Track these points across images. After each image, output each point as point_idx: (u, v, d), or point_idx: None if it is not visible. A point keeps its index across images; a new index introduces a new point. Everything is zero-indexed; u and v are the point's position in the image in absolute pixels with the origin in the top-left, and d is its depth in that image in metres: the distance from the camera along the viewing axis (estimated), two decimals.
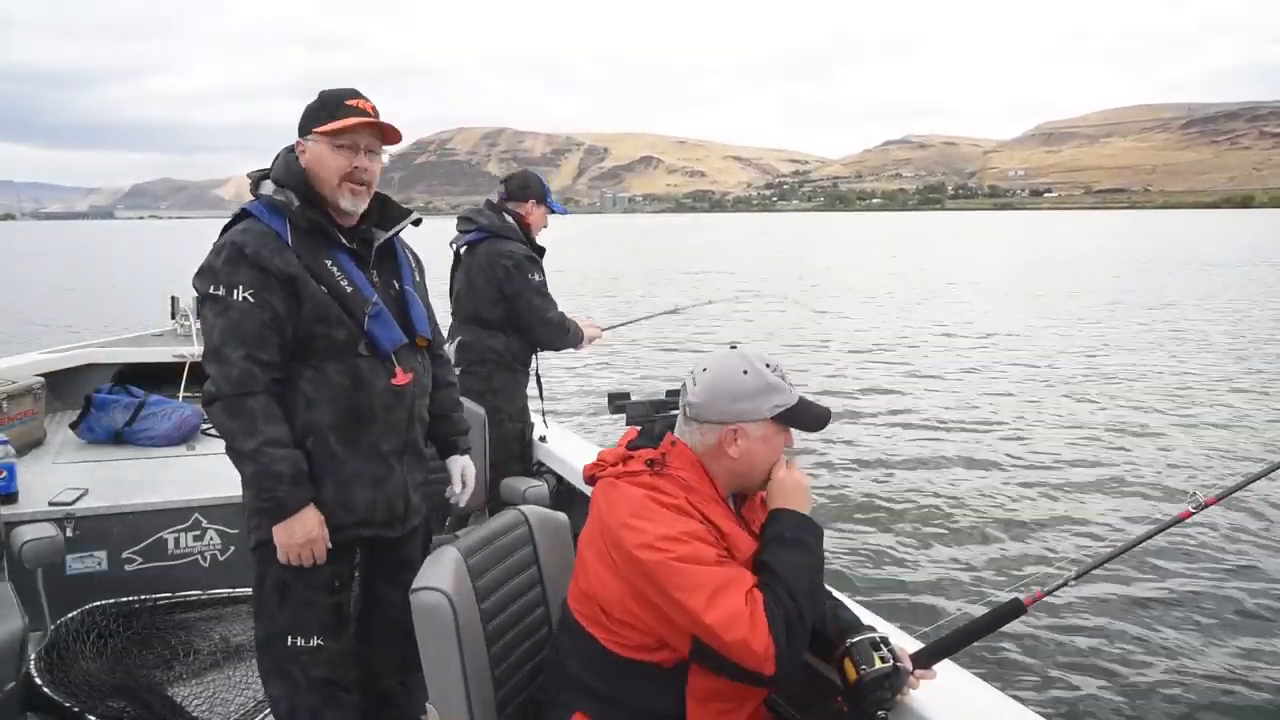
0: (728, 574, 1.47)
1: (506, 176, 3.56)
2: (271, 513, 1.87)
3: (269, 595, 1.99)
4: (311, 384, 1.93)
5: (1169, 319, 16.11)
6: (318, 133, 1.93)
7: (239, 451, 1.86)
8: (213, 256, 1.91)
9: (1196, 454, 7.38)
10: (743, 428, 1.61)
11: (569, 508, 2.23)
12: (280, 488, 1.85)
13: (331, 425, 1.95)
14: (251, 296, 1.85)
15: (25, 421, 3.86)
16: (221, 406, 1.85)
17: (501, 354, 3.37)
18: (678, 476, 1.60)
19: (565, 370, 11.20)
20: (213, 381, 1.86)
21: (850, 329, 15.45)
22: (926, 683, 1.60)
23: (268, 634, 2.02)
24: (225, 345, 1.84)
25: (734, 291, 21.45)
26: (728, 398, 1.61)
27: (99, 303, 21.60)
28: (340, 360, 1.95)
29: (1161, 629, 4.28)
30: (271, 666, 2.04)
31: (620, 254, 42.50)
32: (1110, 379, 10.58)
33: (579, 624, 1.61)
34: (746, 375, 1.62)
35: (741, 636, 1.41)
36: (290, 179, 1.96)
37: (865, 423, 8.61)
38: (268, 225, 1.93)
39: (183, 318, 5.25)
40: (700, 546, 1.49)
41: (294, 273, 1.89)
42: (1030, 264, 32.37)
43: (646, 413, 2.54)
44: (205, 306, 1.89)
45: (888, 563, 5.18)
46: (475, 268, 3.34)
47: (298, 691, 2.01)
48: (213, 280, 1.88)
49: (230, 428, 1.85)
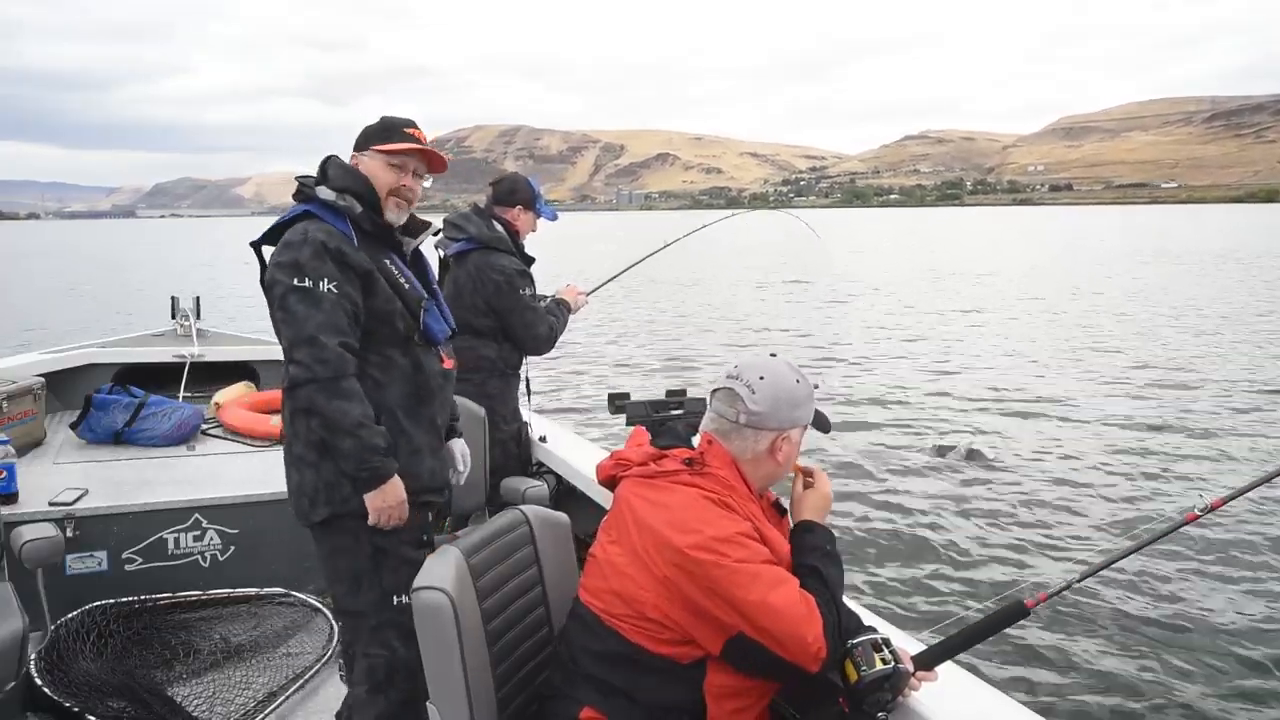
0: (781, 573, 1.53)
1: (495, 180, 3.51)
2: (369, 481, 2.05)
3: (364, 566, 2.14)
4: (379, 368, 2.15)
5: (1181, 315, 16.09)
6: (376, 150, 2.19)
7: (339, 428, 2.01)
8: (293, 251, 2.05)
9: (1204, 456, 7.35)
10: (789, 434, 1.68)
11: (569, 508, 2.23)
12: (377, 458, 2.04)
13: (399, 404, 2.17)
14: (335, 289, 2.04)
15: (25, 421, 3.86)
16: (319, 388, 1.99)
17: (494, 361, 3.35)
18: (719, 475, 1.63)
19: (566, 370, 11.21)
20: (305, 367, 1.99)
21: (855, 324, 15.46)
22: (928, 684, 1.60)
23: (370, 602, 2.15)
24: (320, 332, 2.00)
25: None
26: (790, 405, 1.67)
27: (109, 302, 21.63)
28: (401, 347, 2.18)
29: (1165, 632, 4.27)
30: (371, 634, 2.17)
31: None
32: (1117, 378, 10.57)
33: (597, 618, 1.61)
34: (799, 384, 1.69)
35: (799, 630, 1.47)
36: (356, 186, 2.16)
37: (865, 422, 8.61)
38: (333, 225, 2.10)
39: (183, 318, 5.25)
40: (756, 546, 1.54)
41: (369, 268, 2.11)
42: (1045, 260, 32.35)
43: (646, 413, 2.54)
44: (292, 297, 2.02)
45: (889, 564, 5.17)
46: (464, 278, 3.29)
47: (394, 651, 2.15)
48: (298, 273, 2.02)
49: (330, 407, 2.00)
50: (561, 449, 3.50)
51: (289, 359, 2.04)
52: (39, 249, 62.50)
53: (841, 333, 14.94)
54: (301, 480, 2.13)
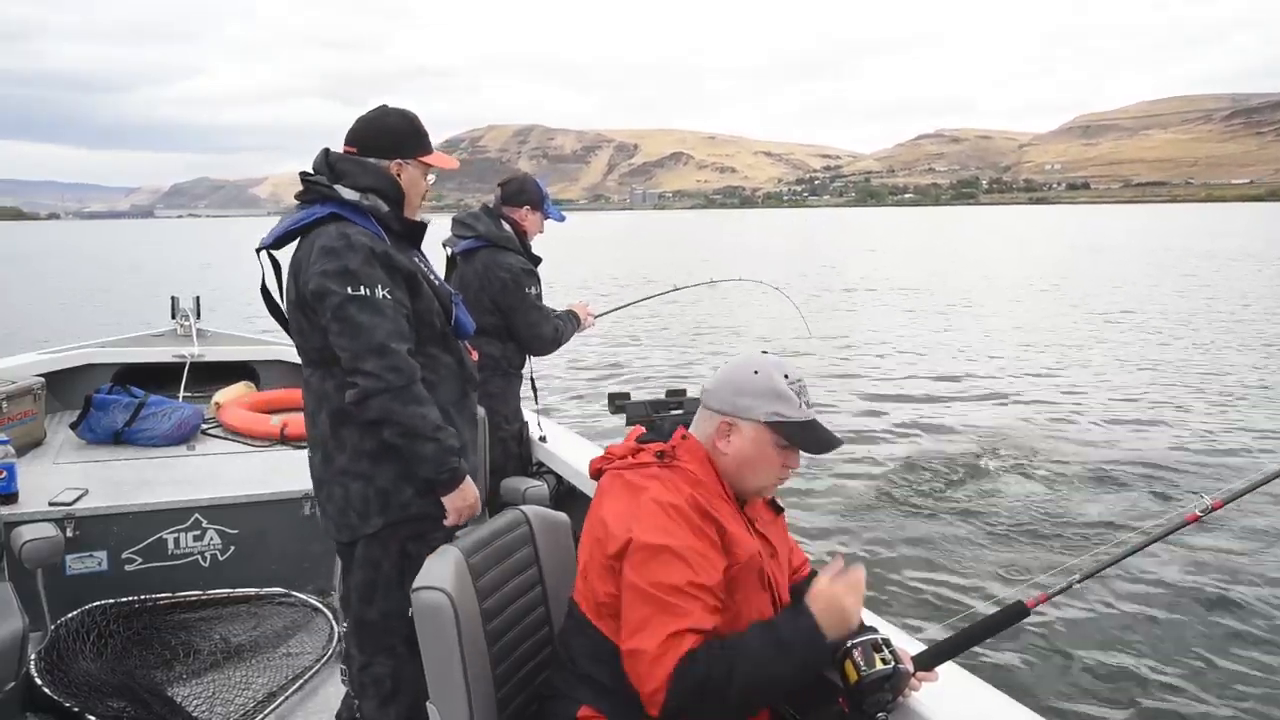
0: (671, 605, 1.45)
1: (504, 180, 3.53)
2: (449, 483, 2.07)
3: (389, 574, 2.13)
4: (429, 368, 2.11)
5: (1186, 316, 16.08)
6: (421, 161, 2.20)
7: (419, 434, 1.99)
8: (341, 259, 1.99)
9: (1205, 457, 7.34)
10: (738, 424, 1.62)
11: (569, 508, 2.23)
12: (456, 459, 2.06)
13: (451, 402, 2.18)
14: (390, 294, 2.01)
15: (25, 421, 3.86)
16: (393, 396, 1.97)
17: (498, 360, 3.36)
18: (686, 470, 1.61)
19: (566, 370, 11.21)
20: (378, 376, 1.96)
21: (862, 326, 15.45)
22: (928, 685, 1.60)
23: (382, 613, 2.15)
24: (390, 340, 1.97)
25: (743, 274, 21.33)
26: (732, 389, 1.63)
27: (110, 303, 21.62)
28: (441, 345, 2.17)
29: (1166, 633, 4.26)
30: (378, 645, 2.17)
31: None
32: (1118, 378, 10.57)
33: (585, 618, 1.61)
34: (757, 375, 1.63)
35: (638, 672, 1.45)
36: (381, 184, 2.12)
37: (866, 422, 8.60)
38: (365, 227, 2.06)
39: (183, 318, 5.25)
40: (670, 567, 1.46)
41: (412, 270, 2.10)
42: (1054, 259, 32.32)
43: (646, 413, 2.54)
44: (352, 306, 1.97)
45: (890, 564, 5.17)
46: (471, 276, 3.31)
47: (401, 662, 2.15)
48: (352, 281, 1.98)
49: (407, 413, 1.98)
50: (562, 449, 3.50)
51: (355, 370, 1.97)
52: (48, 249, 62.49)
53: (844, 330, 14.93)
54: (348, 494, 2.08)
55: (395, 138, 2.17)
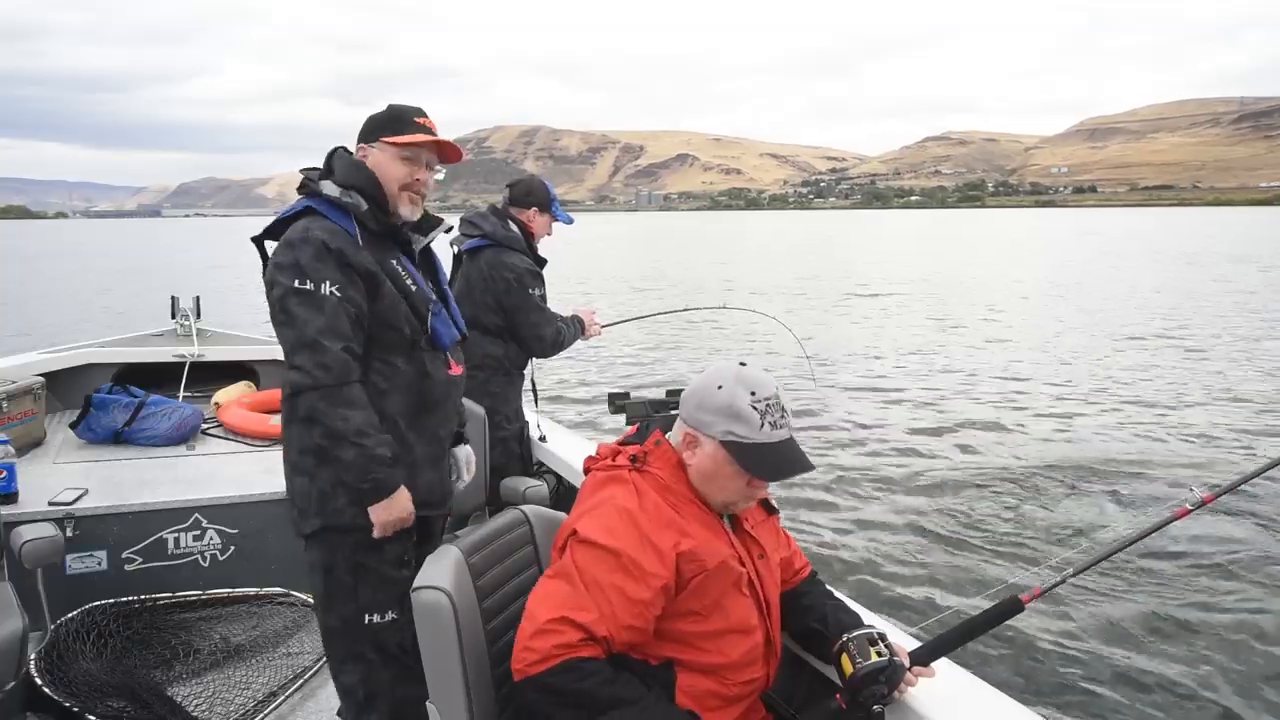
0: (581, 595, 1.47)
1: (512, 181, 3.54)
2: (371, 493, 1.97)
3: (342, 580, 2.06)
4: (381, 375, 2.04)
5: (1178, 315, 16.10)
6: (386, 142, 2.06)
7: (340, 436, 1.92)
8: (294, 251, 1.94)
9: (1195, 450, 7.39)
10: (699, 438, 1.60)
11: (569, 507, 2.23)
12: (381, 469, 1.96)
13: (402, 413, 2.08)
14: (338, 291, 1.94)
15: (25, 421, 3.86)
16: (321, 395, 1.91)
17: (500, 359, 3.37)
18: (655, 475, 1.62)
19: (566, 371, 11.20)
20: (307, 372, 1.91)
21: (858, 328, 15.46)
22: (925, 680, 1.61)
23: (342, 619, 2.08)
24: (322, 336, 1.91)
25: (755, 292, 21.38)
26: (695, 402, 1.62)
27: (110, 303, 21.58)
28: (405, 353, 2.07)
29: (1159, 626, 4.28)
30: (346, 652, 2.10)
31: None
32: (1110, 377, 10.58)
33: None
34: (720, 391, 1.58)
35: (521, 630, 1.49)
36: (361, 182, 2.05)
37: (863, 420, 8.61)
38: (336, 223, 2.00)
39: (183, 318, 5.25)
40: (601, 563, 1.49)
41: (373, 270, 2.00)
42: (1040, 264, 32.39)
43: (646, 413, 2.56)
44: (292, 300, 1.93)
45: (885, 560, 5.18)
46: (476, 274, 3.33)
47: (372, 670, 2.09)
48: (299, 275, 1.93)
49: (331, 415, 1.92)
50: (562, 449, 3.51)
51: (289, 364, 1.94)
52: (58, 250, 62.34)
53: (844, 336, 14.94)
54: (294, 489, 2.06)
55: (370, 125, 2.11)
